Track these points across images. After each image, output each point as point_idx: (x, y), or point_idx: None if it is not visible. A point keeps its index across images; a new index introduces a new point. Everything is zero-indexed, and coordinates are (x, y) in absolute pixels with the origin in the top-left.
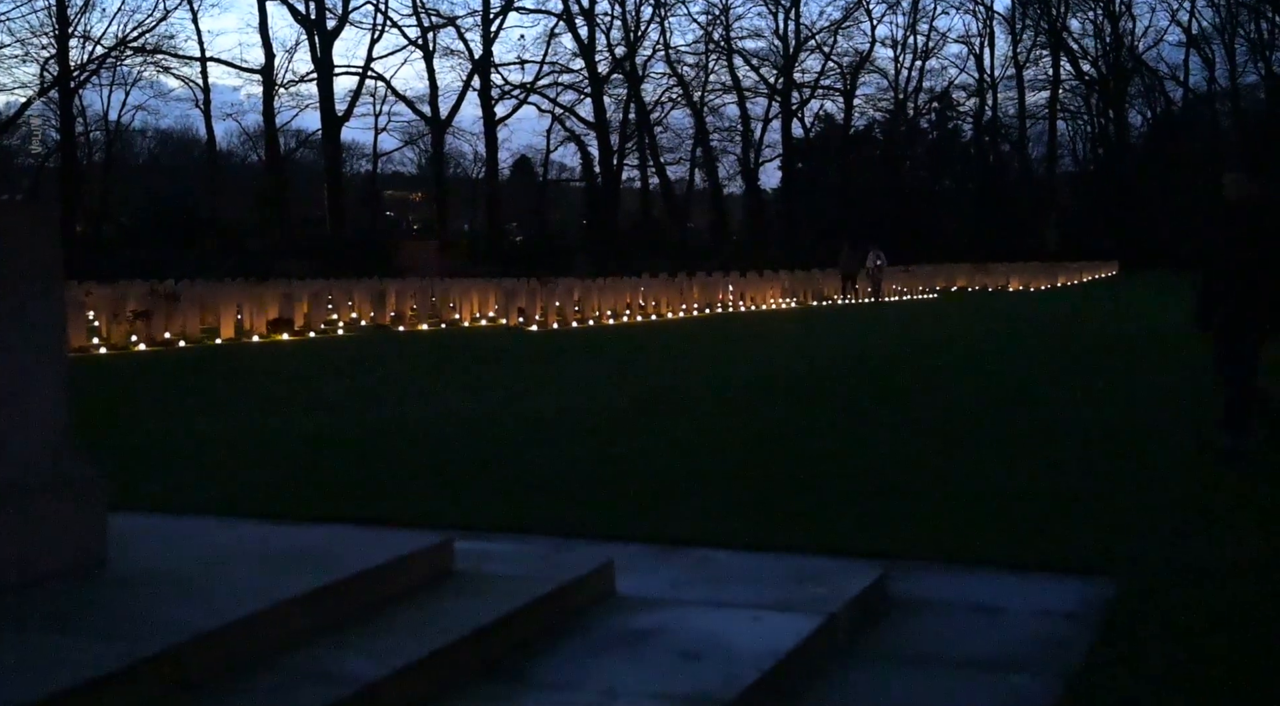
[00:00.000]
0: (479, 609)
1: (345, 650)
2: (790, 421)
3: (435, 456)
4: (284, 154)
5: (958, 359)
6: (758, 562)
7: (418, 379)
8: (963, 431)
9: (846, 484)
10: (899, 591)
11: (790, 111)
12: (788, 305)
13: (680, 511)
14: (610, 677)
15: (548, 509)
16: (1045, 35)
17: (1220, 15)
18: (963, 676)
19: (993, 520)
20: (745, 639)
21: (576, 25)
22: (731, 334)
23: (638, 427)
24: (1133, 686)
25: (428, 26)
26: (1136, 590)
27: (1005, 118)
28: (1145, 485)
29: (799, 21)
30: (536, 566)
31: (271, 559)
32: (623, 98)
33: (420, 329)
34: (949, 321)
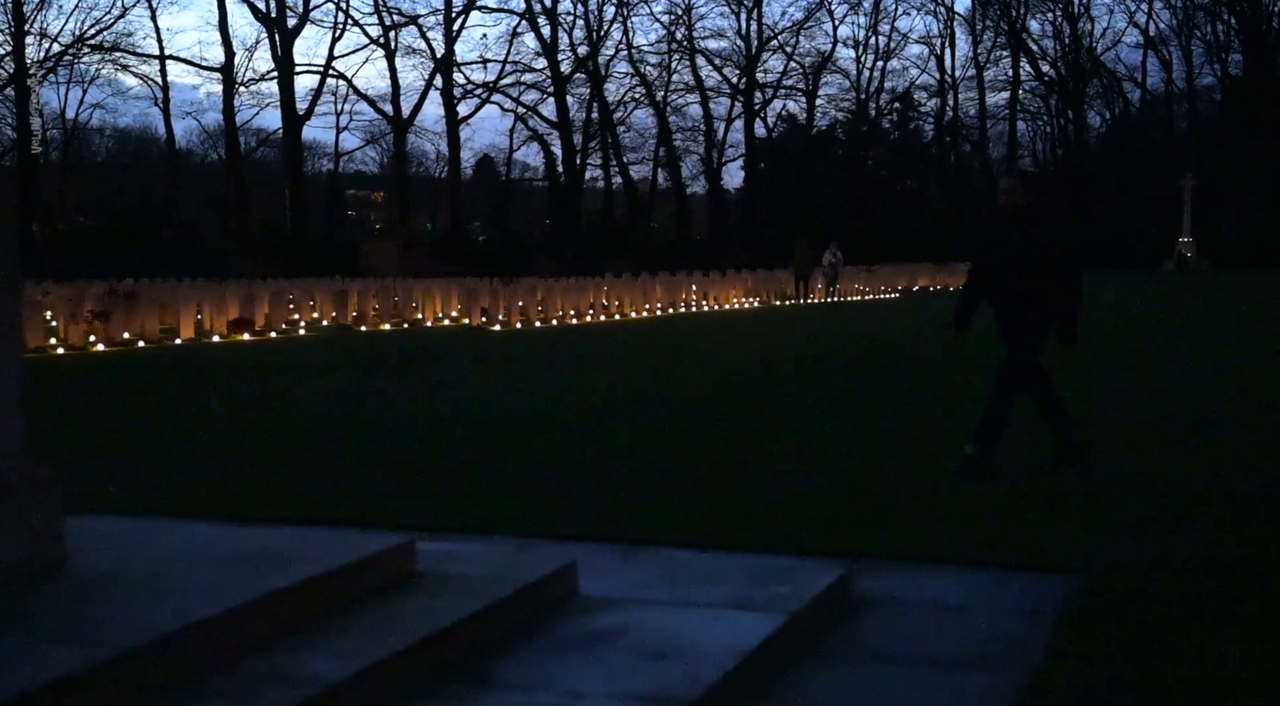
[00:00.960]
0: (442, 610)
1: (307, 652)
2: (752, 421)
3: (398, 457)
4: (244, 153)
5: (919, 358)
6: (721, 562)
7: (379, 379)
8: (923, 430)
9: (809, 483)
10: (862, 590)
11: (753, 111)
12: (751, 305)
13: (643, 511)
14: (573, 678)
15: (511, 509)
16: (1005, 36)
17: (1177, 17)
18: (925, 674)
19: (955, 518)
20: (708, 638)
21: (539, 24)
22: (694, 334)
23: (601, 428)
24: (1093, 682)
25: (389, 25)
26: (1097, 587)
27: (966, 118)
28: (1104, 482)
29: (761, 22)
30: (500, 567)
31: (233, 560)
32: (585, 97)
33: (382, 329)
34: (910, 320)
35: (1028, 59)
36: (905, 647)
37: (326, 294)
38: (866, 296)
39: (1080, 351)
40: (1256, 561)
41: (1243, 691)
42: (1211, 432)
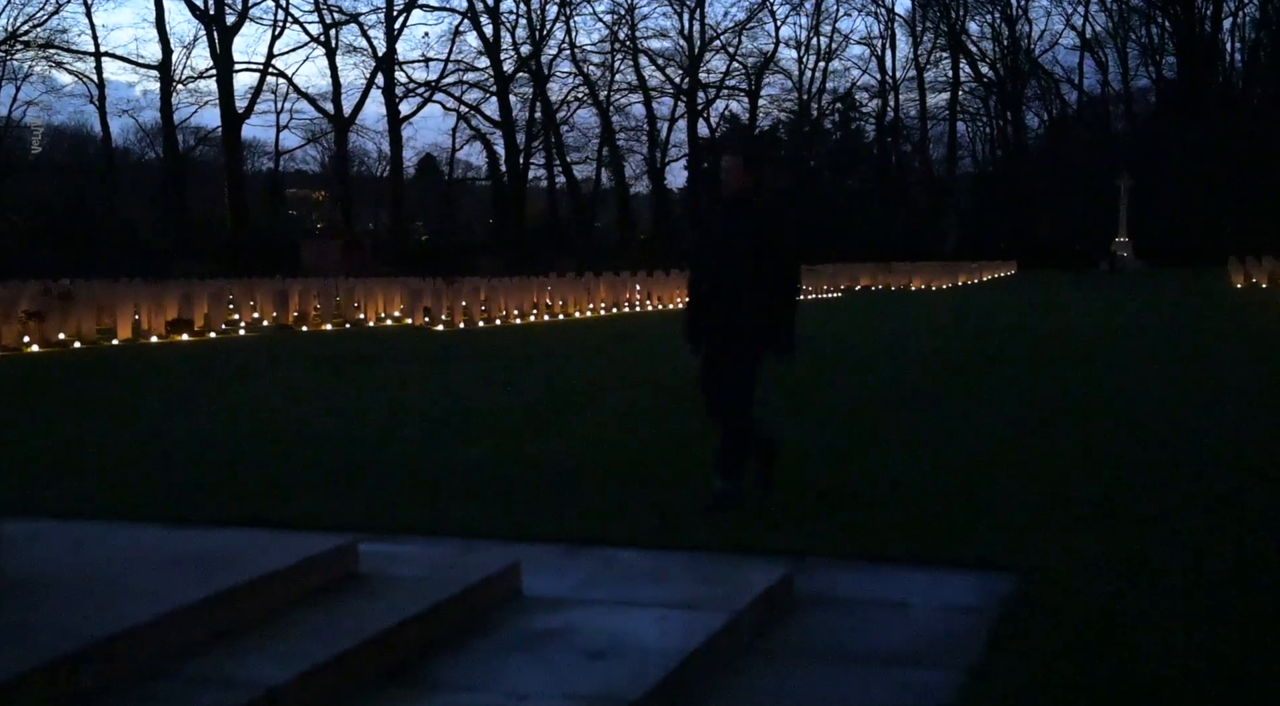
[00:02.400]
0: (383, 611)
1: (247, 655)
2: (696, 420)
3: (339, 458)
4: (183, 151)
5: (862, 356)
6: (664, 561)
7: (322, 380)
8: (866, 429)
9: (752, 482)
10: (805, 588)
11: (696, 111)
12: None
13: (587, 511)
14: (516, 678)
15: (454, 510)
16: (945, 38)
17: (1113, 20)
18: (867, 671)
19: (897, 517)
20: (652, 638)
21: (481, 23)
22: (638, 333)
23: (544, 428)
24: (1031, 677)
25: (330, 23)
26: (1035, 584)
27: (907, 119)
28: (1042, 481)
29: (704, 22)
30: (442, 568)
31: (172, 563)
32: (528, 96)
33: (324, 329)
34: (851, 320)
35: (967, 60)
36: (847, 645)
37: (267, 294)
38: (809, 296)
39: (1010, 350)
40: (1193, 560)
41: (1180, 688)
42: (1144, 435)
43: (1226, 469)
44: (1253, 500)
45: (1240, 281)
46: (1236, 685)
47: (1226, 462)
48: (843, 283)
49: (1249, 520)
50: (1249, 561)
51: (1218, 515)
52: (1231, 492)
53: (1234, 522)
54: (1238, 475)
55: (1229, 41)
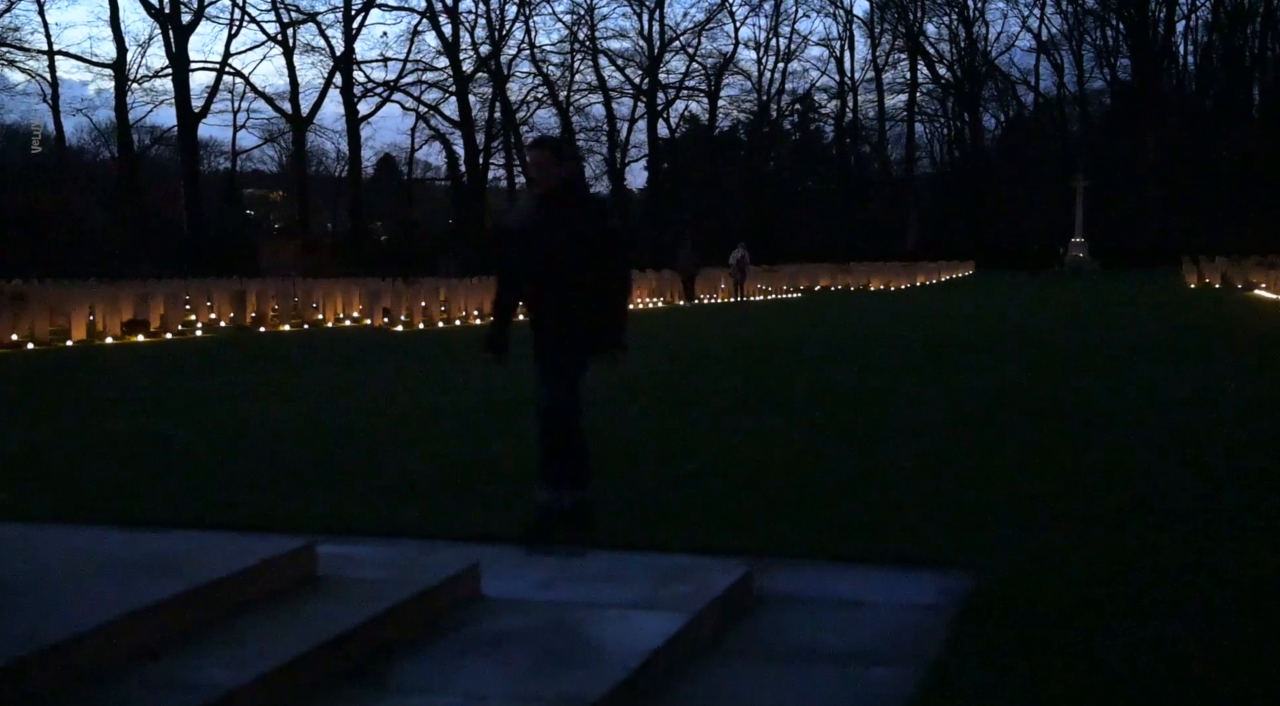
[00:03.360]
0: (342, 613)
1: (204, 658)
2: (655, 420)
3: (298, 459)
4: (138, 151)
5: (819, 357)
6: (624, 562)
7: (279, 380)
8: (825, 429)
9: (711, 482)
10: (764, 588)
11: (655, 112)
12: (654, 304)
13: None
14: (476, 680)
15: (413, 511)
16: (903, 39)
17: (1068, 23)
18: (826, 669)
19: (855, 516)
20: (612, 638)
21: (440, 23)
22: None
23: (503, 428)
24: (988, 675)
25: (287, 22)
26: (991, 582)
27: (865, 120)
28: (998, 481)
29: (663, 23)
30: (401, 569)
31: (127, 566)
32: (488, 96)
33: (282, 330)
34: (810, 320)
35: (925, 62)
36: (806, 644)
37: (224, 294)
38: (769, 296)
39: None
40: (1148, 558)
41: (1135, 685)
42: (1098, 434)
43: (1180, 467)
44: (1206, 497)
45: (1194, 281)
46: (1191, 682)
47: (1180, 461)
48: (802, 283)
49: (1203, 518)
50: (1203, 559)
51: (1172, 513)
52: (1185, 490)
53: (1189, 520)
54: (1191, 472)
55: (1182, 44)
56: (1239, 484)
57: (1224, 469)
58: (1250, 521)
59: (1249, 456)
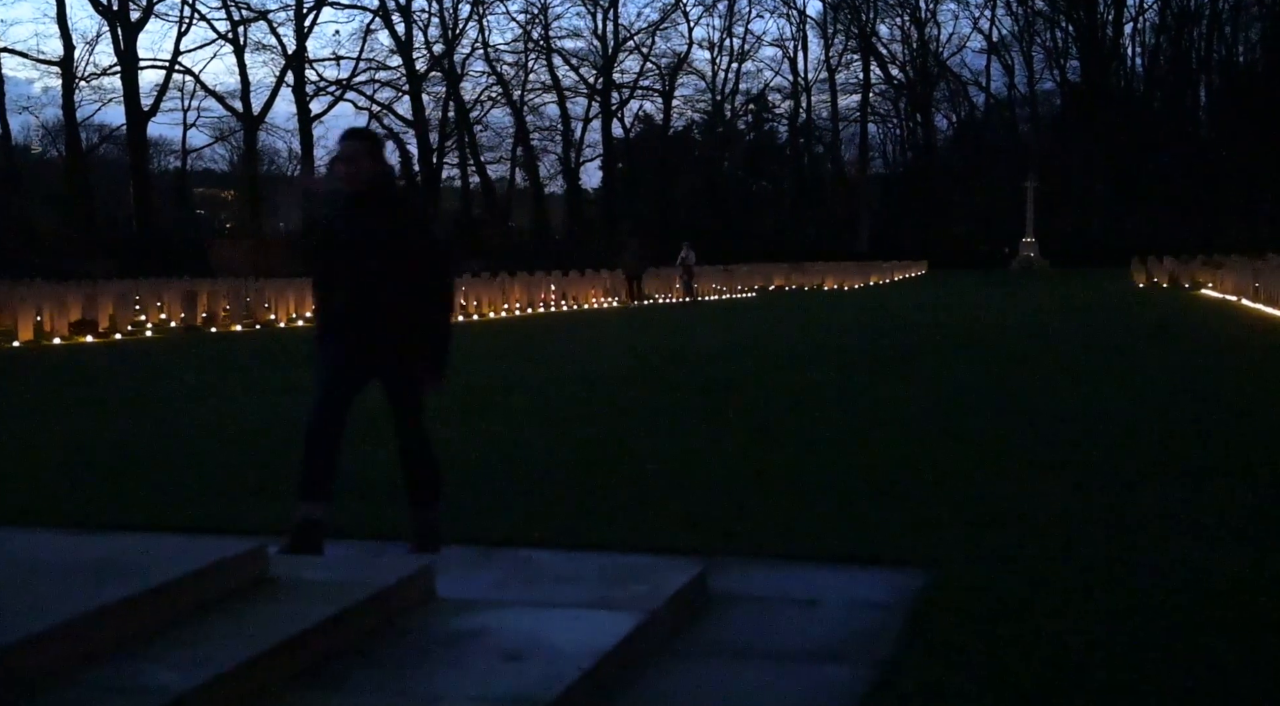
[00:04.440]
0: (294, 615)
1: (154, 662)
2: (610, 420)
3: (251, 461)
4: (86, 150)
5: (773, 356)
6: (579, 561)
7: (230, 381)
8: (778, 427)
9: (666, 481)
10: (719, 587)
11: (610, 111)
12: (610, 304)
13: (501, 512)
14: (430, 681)
15: (366, 512)
16: (855, 40)
17: (1019, 24)
18: (780, 668)
19: (808, 516)
20: (567, 638)
21: (393, 22)
22: (552, 333)
23: (456, 428)
24: (940, 672)
25: (238, 20)
26: (944, 580)
27: (819, 120)
28: (949, 479)
29: (617, 22)
30: (354, 571)
31: (75, 569)
32: (441, 96)
33: (234, 330)
34: (763, 320)
35: (877, 63)
36: (760, 642)
37: (175, 294)
38: (723, 295)
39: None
40: (1100, 556)
41: (1086, 682)
42: (1048, 432)
43: (1131, 464)
44: (1154, 494)
45: (1142, 281)
46: (1144, 676)
47: (1131, 458)
48: (756, 283)
49: (1160, 516)
50: (1154, 556)
51: (1124, 511)
52: (1136, 488)
53: (1144, 518)
54: (1142, 470)
55: (1130, 46)
56: (1196, 481)
57: (1181, 466)
58: (1207, 519)
59: (1209, 453)
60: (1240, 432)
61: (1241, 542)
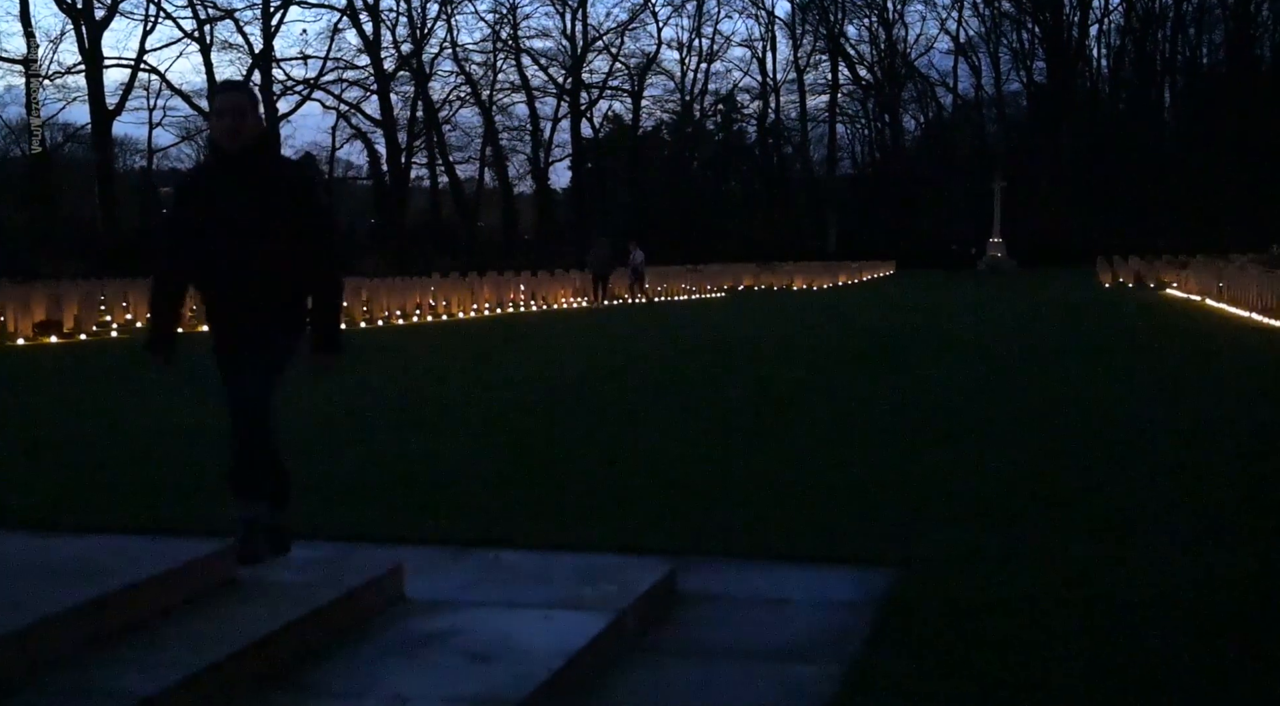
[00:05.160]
0: (262, 617)
1: (120, 665)
2: (578, 420)
3: (215, 461)
4: (50, 149)
5: (743, 355)
6: (548, 562)
7: (197, 382)
8: (744, 428)
9: (635, 481)
10: (688, 586)
11: (579, 111)
12: (579, 304)
13: (470, 512)
14: (398, 682)
15: (336, 513)
16: (824, 41)
17: (985, 25)
18: (748, 667)
19: (777, 515)
20: (536, 638)
21: (361, 21)
22: (522, 333)
23: (426, 428)
24: (907, 670)
25: (204, 19)
26: (912, 579)
27: (787, 120)
28: (916, 478)
29: (586, 22)
30: (323, 572)
31: (41, 571)
32: (410, 95)
33: (200, 330)
34: (733, 319)
35: (845, 63)
36: (730, 641)
37: (141, 295)
38: (693, 295)
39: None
40: (1062, 555)
41: (1050, 679)
42: (1012, 431)
43: (1098, 464)
44: (1126, 494)
45: (1108, 280)
46: (1108, 674)
47: (1098, 457)
48: (725, 283)
49: (1123, 515)
50: (1123, 555)
51: (1093, 510)
52: (1106, 488)
53: (1109, 517)
54: (1102, 468)
55: (1095, 47)
56: (1159, 481)
57: (1145, 466)
58: (1170, 520)
59: (1171, 452)
60: (1212, 433)
61: (1203, 542)
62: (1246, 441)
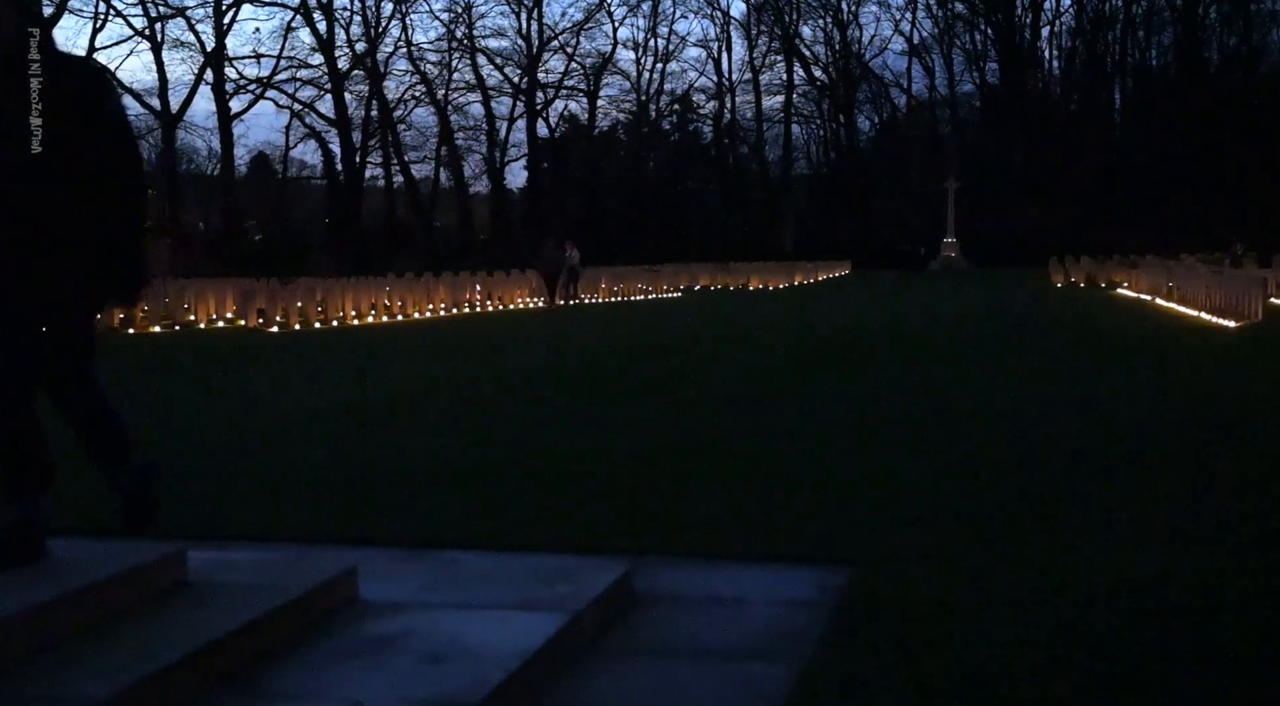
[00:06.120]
0: (214, 620)
1: (69, 670)
2: (535, 420)
3: (168, 462)
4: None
5: (697, 356)
6: (505, 563)
7: (149, 383)
8: (705, 426)
9: (592, 482)
10: (645, 587)
11: (535, 111)
12: (536, 304)
13: (426, 513)
14: (353, 685)
15: (289, 514)
16: (779, 41)
17: (939, 27)
18: (704, 667)
19: (734, 514)
20: (492, 640)
21: (314, 20)
22: (477, 333)
23: (382, 429)
24: (862, 668)
25: (155, 17)
26: (869, 579)
27: (743, 121)
28: (872, 478)
29: (541, 22)
30: (276, 574)
31: None
32: (364, 94)
33: (152, 331)
34: (688, 319)
35: (800, 64)
36: (685, 641)
37: None
38: (649, 296)
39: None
40: (1018, 555)
41: (1003, 678)
42: (969, 431)
43: (1053, 460)
44: (1076, 491)
45: (1060, 280)
46: (1062, 672)
47: (1052, 455)
48: (682, 282)
49: (1078, 513)
50: (1077, 553)
51: (1047, 508)
52: (1058, 485)
53: (1064, 515)
54: (1064, 466)
55: (1047, 49)
56: (1111, 479)
57: (1100, 463)
58: (1122, 516)
59: (1126, 450)
60: (1166, 430)
61: (1154, 538)
62: (1200, 437)
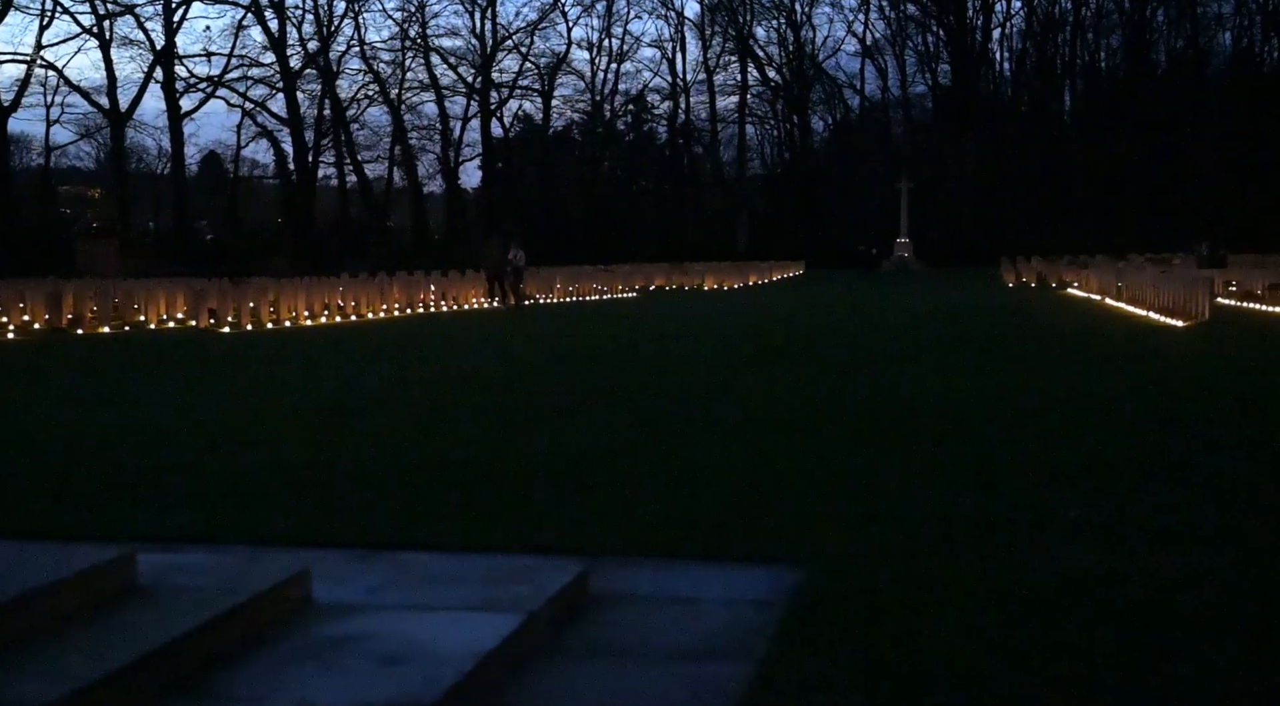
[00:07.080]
0: (164, 623)
1: (18, 673)
2: (489, 420)
3: (118, 465)
4: None
5: (649, 356)
6: (459, 564)
7: (99, 384)
8: (659, 426)
9: (546, 482)
10: (601, 586)
11: (489, 111)
12: (491, 305)
13: (379, 514)
14: (305, 688)
15: (240, 517)
16: (733, 42)
17: (891, 28)
18: (659, 666)
19: (688, 515)
20: (446, 641)
21: (266, 18)
22: (431, 334)
23: (334, 430)
24: (817, 667)
25: (103, 14)
26: (823, 577)
27: (698, 121)
28: (825, 478)
29: (495, 21)
30: (227, 577)
31: None
32: (317, 93)
33: (102, 332)
34: (641, 320)
35: (755, 65)
36: (641, 641)
37: (38, 295)
38: (604, 295)
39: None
40: (971, 552)
41: (956, 675)
42: (921, 431)
43: (1003, 461)
44: (1025, 491)
45: (1012, 280)
46: (1020, 671)
47: (1003, 455)
48: (637, 282)
49: (1033, 513)
50: (1033, 553)
51: (1002, 508)
52: (1015, 485)
53: (1019, 515)
54: (1013, 466)
55: (998, 51)
56: (1070, 480)
57: (1051, 463)
58: (1081, 517)
59: (1082, 452)
60: (1113, 428)
61: (1103, 537)
62: (1148, 434)
